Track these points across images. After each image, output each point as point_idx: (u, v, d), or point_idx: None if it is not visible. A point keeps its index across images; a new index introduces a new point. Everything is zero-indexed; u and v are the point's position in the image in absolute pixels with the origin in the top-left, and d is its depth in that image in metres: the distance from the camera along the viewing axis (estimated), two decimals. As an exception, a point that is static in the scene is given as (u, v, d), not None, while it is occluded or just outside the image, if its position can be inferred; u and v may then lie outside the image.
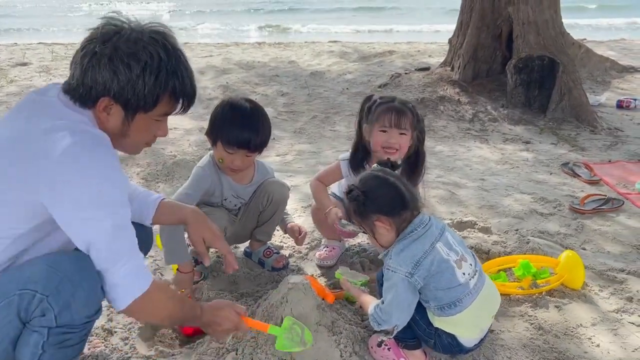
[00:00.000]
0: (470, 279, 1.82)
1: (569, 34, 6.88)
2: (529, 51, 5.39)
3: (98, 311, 1.47)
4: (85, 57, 1.43)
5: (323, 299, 2.02)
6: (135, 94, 1.44)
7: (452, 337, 1.85)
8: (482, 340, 1.95)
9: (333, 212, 2.34)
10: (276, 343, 1.77)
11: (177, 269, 2.26)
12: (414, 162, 2.42)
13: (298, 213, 3.19)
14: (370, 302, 1.91)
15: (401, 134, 2.28)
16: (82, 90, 1.44)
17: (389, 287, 1.80)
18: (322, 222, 2.56)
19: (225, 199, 2.43)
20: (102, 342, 2.03)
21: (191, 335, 2.09)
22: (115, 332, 2.08)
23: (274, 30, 13.94)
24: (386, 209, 1.81)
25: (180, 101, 1.55)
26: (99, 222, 1.40)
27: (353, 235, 2.42)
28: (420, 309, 1.85)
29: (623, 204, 3.35)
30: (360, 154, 2.42)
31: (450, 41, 6.53)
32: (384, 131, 2.29)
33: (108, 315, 2.16)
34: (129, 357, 1.93)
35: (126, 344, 2.02)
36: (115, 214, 1.43)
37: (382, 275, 1.89)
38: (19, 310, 1.37)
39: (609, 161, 4.23)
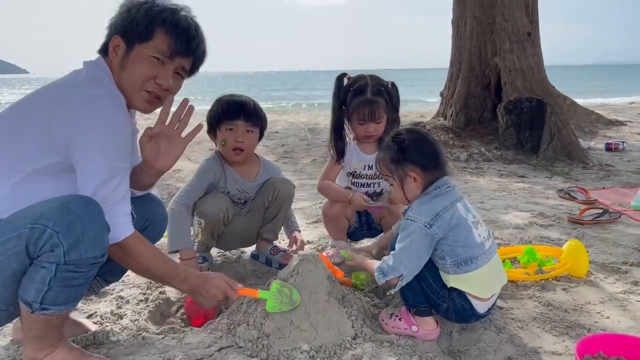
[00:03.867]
0: (485, 241, 1.87)
1: (554, 87, 7.24)
2: (517, 95, 5.68)
3: (103, 255, 1.50)
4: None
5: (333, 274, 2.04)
6: (131, 22, 1.61)
7: (466, 300, 1.84)
8: (490, 309, 1.95)
9: (357, 195, 2.50)
10: (266, 305, 1.80)
11: (179, 257, 2.28)
12: None
13: (302, 228, 3.23)
14: (376, 263, 1.91)
15: (377, 122, 2.49)
16: (105, 39, 1.67)
17: (405, 235, 1.81)
18: (333, 218, 2.63)
19: (228, 192, 2.50)
20: (112, 325, 2.02)
21: (200, 326, 2.08)
22: (125, 315, 2.07)
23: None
24: (423, 162, 1.87)
25: (175, 37, 1.63)
26: (107, 163, 1.52)
27: (382, 209, 2.57)
28: (434, 271, 1.85)
29: (620, 216, 3.42)
30: (338, 139, 2.59)
31: (441, 94, 6.86)
32: (362, 124, 2.49)
33: (117, 303, 2.16)
34: (139, 334, 1.92)
35: (136, 325, 2.01)
36: (123, 167, 1.57)
37: (397, 237, 1.92)
38: (27, 243, 1.40)
39: (603, 188, 4.35)
